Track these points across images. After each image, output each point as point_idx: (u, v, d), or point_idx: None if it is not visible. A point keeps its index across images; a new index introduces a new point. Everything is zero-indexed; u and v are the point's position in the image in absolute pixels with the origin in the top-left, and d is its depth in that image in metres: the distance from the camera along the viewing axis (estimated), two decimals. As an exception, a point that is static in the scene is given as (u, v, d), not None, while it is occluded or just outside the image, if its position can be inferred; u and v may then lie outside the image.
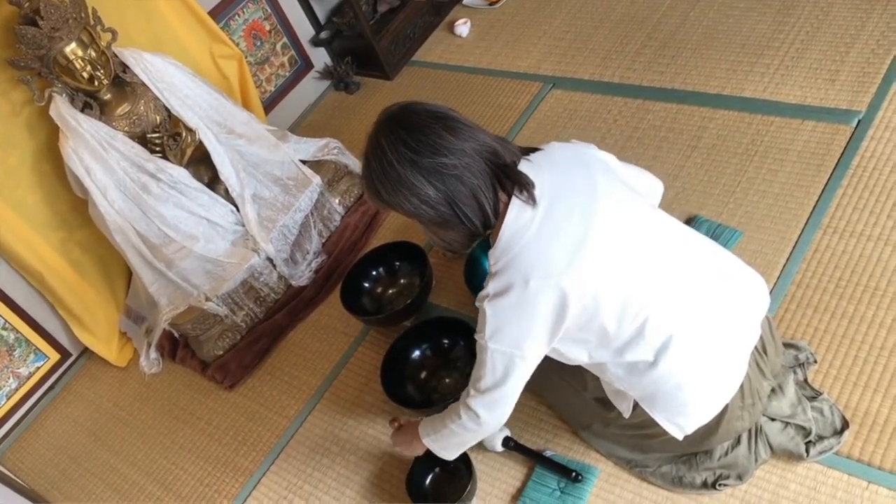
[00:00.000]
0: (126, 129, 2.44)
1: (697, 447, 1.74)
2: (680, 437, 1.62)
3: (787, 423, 1.76)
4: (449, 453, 1.79)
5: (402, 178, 1.44)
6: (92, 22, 2.37)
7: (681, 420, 1.60)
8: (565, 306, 1.45)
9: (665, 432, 1.63)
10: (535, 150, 1.60)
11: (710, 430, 1.65)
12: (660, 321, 1.50)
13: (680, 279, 1.54)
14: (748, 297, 1.63)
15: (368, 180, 1.51)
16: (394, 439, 1.96)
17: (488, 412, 1.61)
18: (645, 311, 1.49)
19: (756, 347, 1.63)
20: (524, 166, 1.52)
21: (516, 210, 1.48)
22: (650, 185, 1.78)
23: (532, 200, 1.47)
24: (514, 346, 1.51)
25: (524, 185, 1.48)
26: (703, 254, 1.62)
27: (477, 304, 1.54)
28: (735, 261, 1.67)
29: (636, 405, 1.66)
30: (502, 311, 1.49)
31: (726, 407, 1.60)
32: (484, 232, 1.52)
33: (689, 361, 1.54)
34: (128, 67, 2.45)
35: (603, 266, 1.46)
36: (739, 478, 1.75)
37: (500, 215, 1.49)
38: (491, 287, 1.50)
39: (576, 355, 1.60)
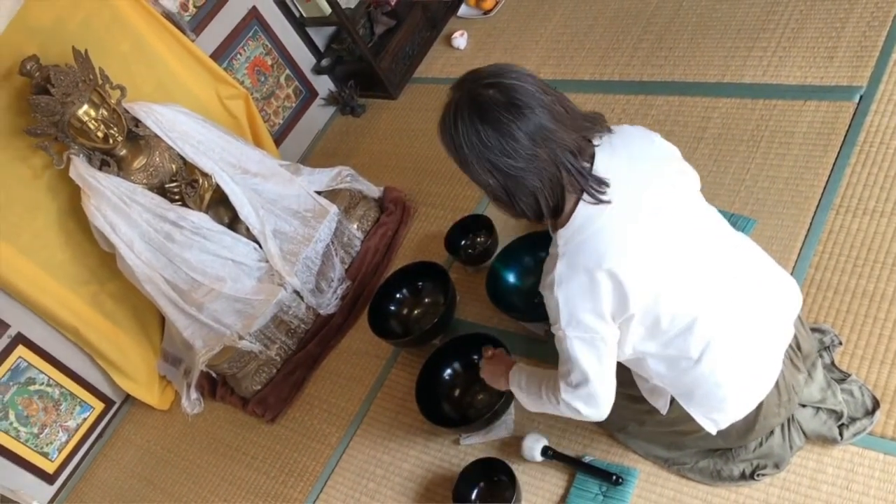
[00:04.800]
0: (144, 181, 2.50)
1: (734, 444, 1.78)
2: (714, 431, 1.66)
3: (818, 409, 1.78)
4: (529, 407, 1.82)
5: (467, 160, 1.46)
6: (100, 82, 2.43)
7: (716, 416, 1.64)
8: (628, 299, 1.46)
9: (700, 428, 1.66)
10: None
11: (747, 428, 1.68)
12: (708, 320, 1.54)
13: (727, 279, 1.58)
14: (783, 299, 1.67)
15: (443, 136, 1.50)
16: (483, 366, 2.01)
17: (589, 407, 1.61)
18: (697, 309, 1.52)
19: (790, 345, 1.66)
20: (600, 154, 1.50)
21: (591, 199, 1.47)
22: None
23: (606, 200, 1.46)
24: (591, 331, 1.51)
25: (599, 187, 1.47)
26: (744, 253, 1.65)
27: (542, 290, 1.53)
28: (770, 262, 1.70)
29: (672, 400, 1.69)
30: (573, 297, 1.48)
31: (762, 405, 1.64)
32: (540, 221, 1.53)
33: (729, 360, 1.57)
34: (140, 121, 2.51)
35: (668, 262, 1.49)
36: (777, 466, 1.78)
37: (564, 210, 1.49)
38: (558, 270, 1.48)
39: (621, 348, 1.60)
